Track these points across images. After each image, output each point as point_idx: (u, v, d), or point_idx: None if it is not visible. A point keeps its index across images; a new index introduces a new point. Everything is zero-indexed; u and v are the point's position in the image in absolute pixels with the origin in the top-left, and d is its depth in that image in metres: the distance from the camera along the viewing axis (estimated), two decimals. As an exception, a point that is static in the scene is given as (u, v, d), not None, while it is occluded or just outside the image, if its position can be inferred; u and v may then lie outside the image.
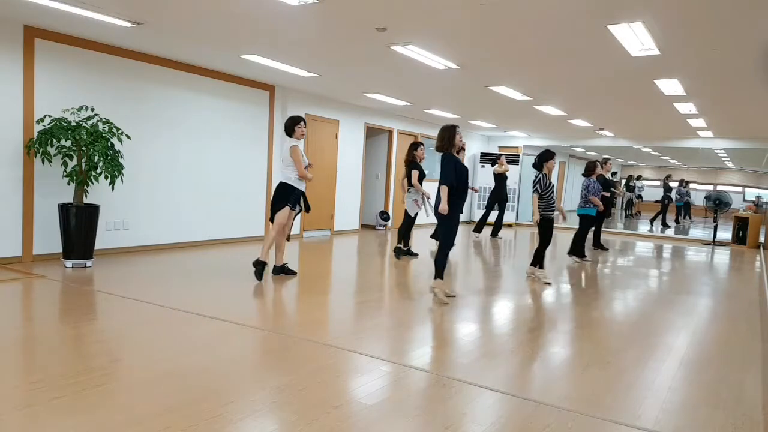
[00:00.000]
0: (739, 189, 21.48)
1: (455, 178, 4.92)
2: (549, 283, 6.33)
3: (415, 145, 7.61)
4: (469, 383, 3.12)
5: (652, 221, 16.07)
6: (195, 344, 3.56)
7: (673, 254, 10.27)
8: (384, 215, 11.56)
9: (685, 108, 8.57)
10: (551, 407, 2.83)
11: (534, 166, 6.43)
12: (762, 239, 11.74)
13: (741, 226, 12.02)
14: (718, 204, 12.38)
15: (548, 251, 6.63)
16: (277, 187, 5.69)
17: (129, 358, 3.25)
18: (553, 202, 6.32)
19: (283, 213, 5.63)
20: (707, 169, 21.92)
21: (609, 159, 9.70)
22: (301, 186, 5.69)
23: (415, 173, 7.45)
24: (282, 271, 5.92)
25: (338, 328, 4.21)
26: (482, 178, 13.93)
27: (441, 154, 5.07)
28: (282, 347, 3.65)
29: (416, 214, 7.63)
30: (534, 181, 6.31)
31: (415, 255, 7.81)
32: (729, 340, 4.36)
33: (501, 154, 10.80)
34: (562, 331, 4.39)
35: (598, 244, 9.80)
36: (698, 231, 15.45)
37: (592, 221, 8.22)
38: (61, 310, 4.29)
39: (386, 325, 4.30)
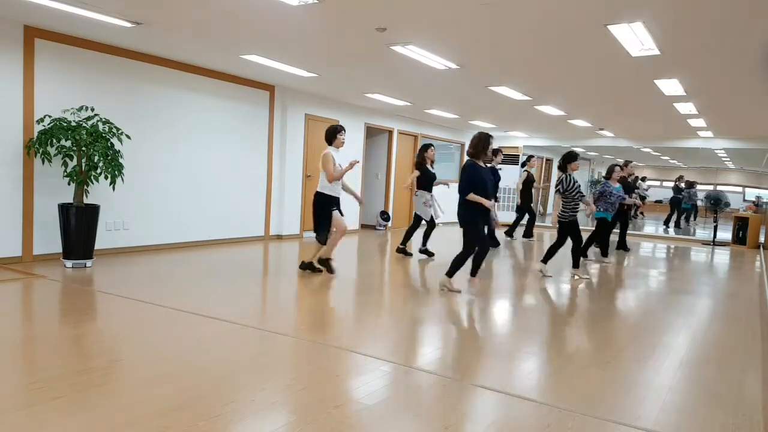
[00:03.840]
0: (739, 189, 21.49)
1: (473, 187, 5.15)
2: (547, 276, 6.68)
3: (425, 147, 7.59)
4: (469, 383, 3.12)
5: (666, 223, 16.00)
6: (195, 344, 3.56)
7: (673, 254, 10.28)
8: (384, 215, 11.55)
9: (685, 108, 8.57)
10: (551, 407, 2.83)
11: (559, 168, 6.73)
12: (762, 239, 11.74)
13: (741, 226, 12.02)
14: (714, 203, 12.41)
15: (561, 251, 6.80)
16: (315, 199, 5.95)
17: (129, 358, 3.25)
18: (578, 204, 6.48)
19: (336, 218, 5.90)
20: (707, 169, 21.92)
21: (630, 162, 9.45)
22: (334, 192, 5.91)
23: (415, 173, 7.50)
24: (308, 267, 6.15)
25: (338, 328, 4.21)
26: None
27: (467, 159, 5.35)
28: (282, 347, 3.65)
29: (431, 217, 7.57)
30: (557, 181, 6.58)
31: (410, 255, 7.79)
32: (729, 340, 4.36)
33: (531, 155, 10.56)
34: (563, 331, 4.39)
35: (623, 246, 9.69)
36: (698, 231, 15.46)
37: (606, 225, 8.07)
38: (61, 310, 4.29)
39: (386, 325, 4.30)
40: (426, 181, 7.54)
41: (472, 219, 5.27)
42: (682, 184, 16.03)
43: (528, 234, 10.77)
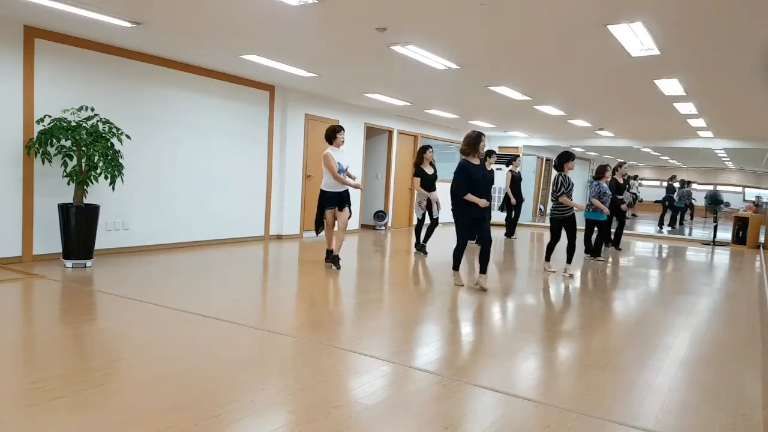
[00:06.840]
0: (739, 189, 21.48)
1: (465, 185, 5.56)
2: (550, 271, 6.93)
3: (423, 149, 7.89)
4: (469, 383, 3.12)
5: (660, 224, 15.97)
6: (195, 344, 3.56)
7: (673, 255, 10.28)
8: (379, 215, 11.51)
9: (685, 108, 8.57)
10: (551, 407, 2.83)
11: (555, 167, 6.85)
12: (762, 239, 11.74)
13: (741, 226, 12.02)
14: (710, 203, 12.49)
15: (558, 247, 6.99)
16: None
17: (129, 358, 3.25)
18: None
19: (337, 214, 6.43)
20: (707, 169, 21.91)
21: (624, 163, 9.71)
22: (336, 189, 6.37)
23: (416, 180, 7.84)
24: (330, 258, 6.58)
25: (338, 328, 4.21)
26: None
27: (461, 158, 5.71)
28: (282, 347, 3.65)
29: (423, 215, 8.00)
30: (557, 182, 6.68)
31: (426, 253, 8.08)
32: (729, 340, 4.36)
33: (516, 155, 11.18)
34: (563, 331, 4.39)
35: (616, 244, 9.75)
36: (698, 231, 15.45)
37: (596, 225, 8.06)
38: (61, 310, 4.29)
39: (386, 325, 4.30)
40: (424, 183, 7.81)
41: (461, 215, 5.63)
42: (676, 184, 16.01)
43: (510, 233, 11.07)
